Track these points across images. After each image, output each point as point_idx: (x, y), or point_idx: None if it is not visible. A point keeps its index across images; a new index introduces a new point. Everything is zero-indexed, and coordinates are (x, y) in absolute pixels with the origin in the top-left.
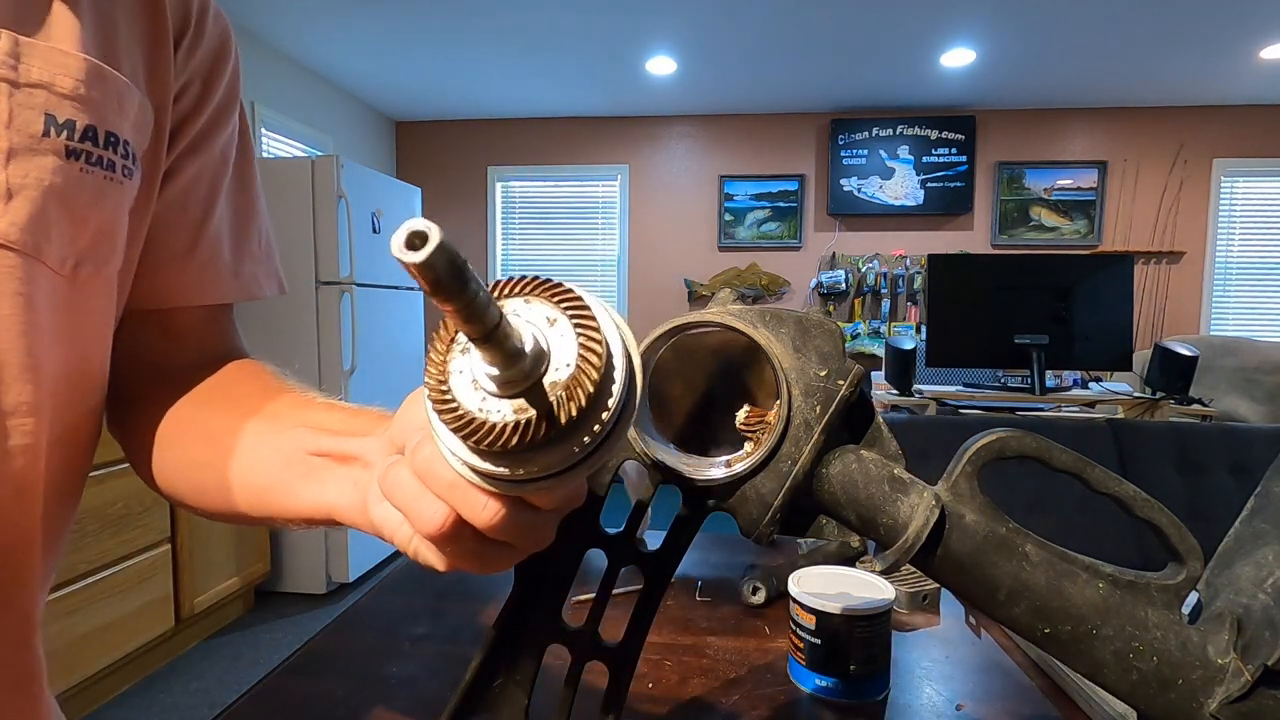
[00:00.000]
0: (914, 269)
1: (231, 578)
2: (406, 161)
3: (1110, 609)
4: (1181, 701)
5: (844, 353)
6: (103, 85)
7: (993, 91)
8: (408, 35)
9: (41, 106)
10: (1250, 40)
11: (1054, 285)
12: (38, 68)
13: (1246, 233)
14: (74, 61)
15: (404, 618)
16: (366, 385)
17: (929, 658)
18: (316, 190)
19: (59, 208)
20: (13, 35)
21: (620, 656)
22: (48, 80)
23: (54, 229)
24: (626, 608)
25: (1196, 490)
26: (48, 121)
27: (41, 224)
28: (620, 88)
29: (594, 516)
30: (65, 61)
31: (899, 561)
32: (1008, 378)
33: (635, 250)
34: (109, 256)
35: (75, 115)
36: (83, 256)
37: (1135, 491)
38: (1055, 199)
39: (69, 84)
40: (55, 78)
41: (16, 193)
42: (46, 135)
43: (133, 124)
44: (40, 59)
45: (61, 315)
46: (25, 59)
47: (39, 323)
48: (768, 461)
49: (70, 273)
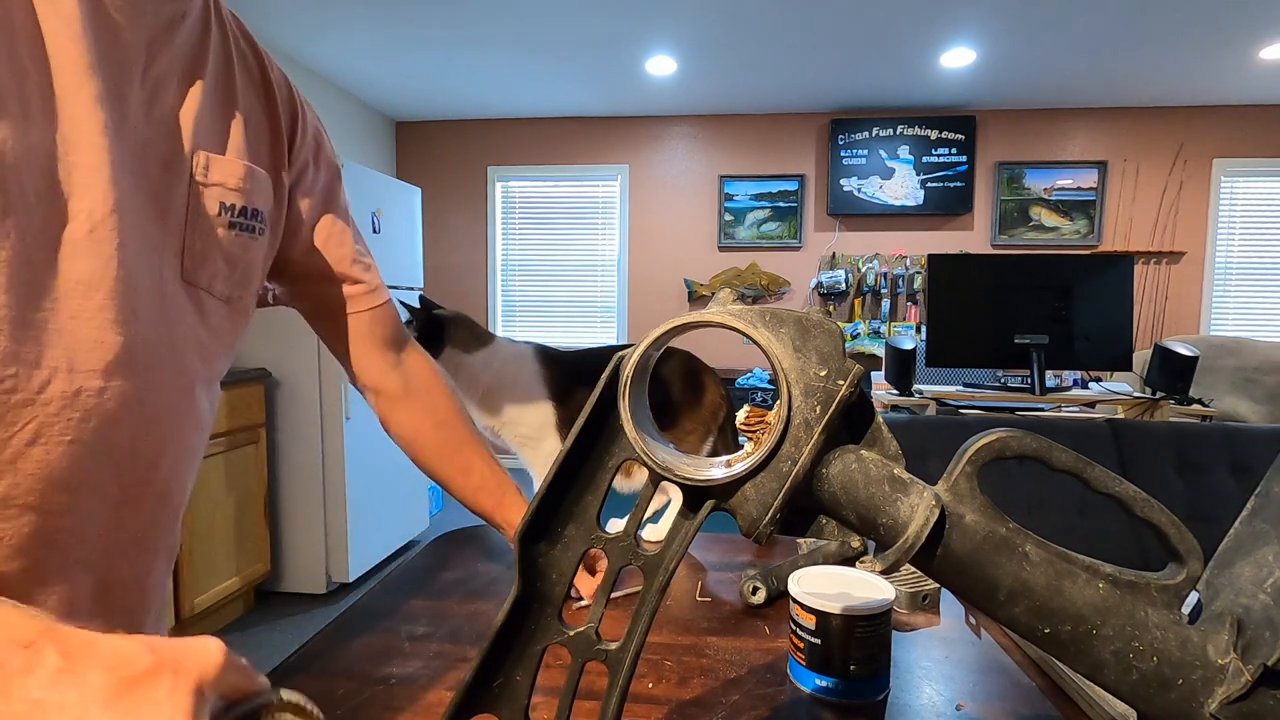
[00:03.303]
0: (914, 269)
1: (232, 578)
2: (406, 161)
3: (1110, 609)
4: (1181, 701)
5: (844, 353)
6: (252, 179)
7: (993, 91)
8: (408, 35)
9: (218, 197)
10: (1250, 40)
11: (1054, 285)
12: (216, 173)
13: (1246, 233)
14: (238, 168)
15: (404, 618)
16: None
17: (929, 658)
18: None
19: (223, 259)
20: (207, 154)
21: (620, 657)
22: (221, 180)
23: (220, 272)
24: (626, 608)
25: (1196, 490)
26: (221, 207)
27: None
28: (620, 88)
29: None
30: (233, 169)
31: (899, 561)
32: (1008, 378)
33: (635, 250)
34: (250, 287)
35: (236, 200)
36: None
37: (1135, 491)
38: (1055, 199)
39: (235, 182)
40: (226, 179)
41: (203, 252)
42: (219, 215)
43: (265, 198)
44: (220, 168)
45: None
46: (210, 169)
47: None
48: (768, 461)
49: (227, 300)
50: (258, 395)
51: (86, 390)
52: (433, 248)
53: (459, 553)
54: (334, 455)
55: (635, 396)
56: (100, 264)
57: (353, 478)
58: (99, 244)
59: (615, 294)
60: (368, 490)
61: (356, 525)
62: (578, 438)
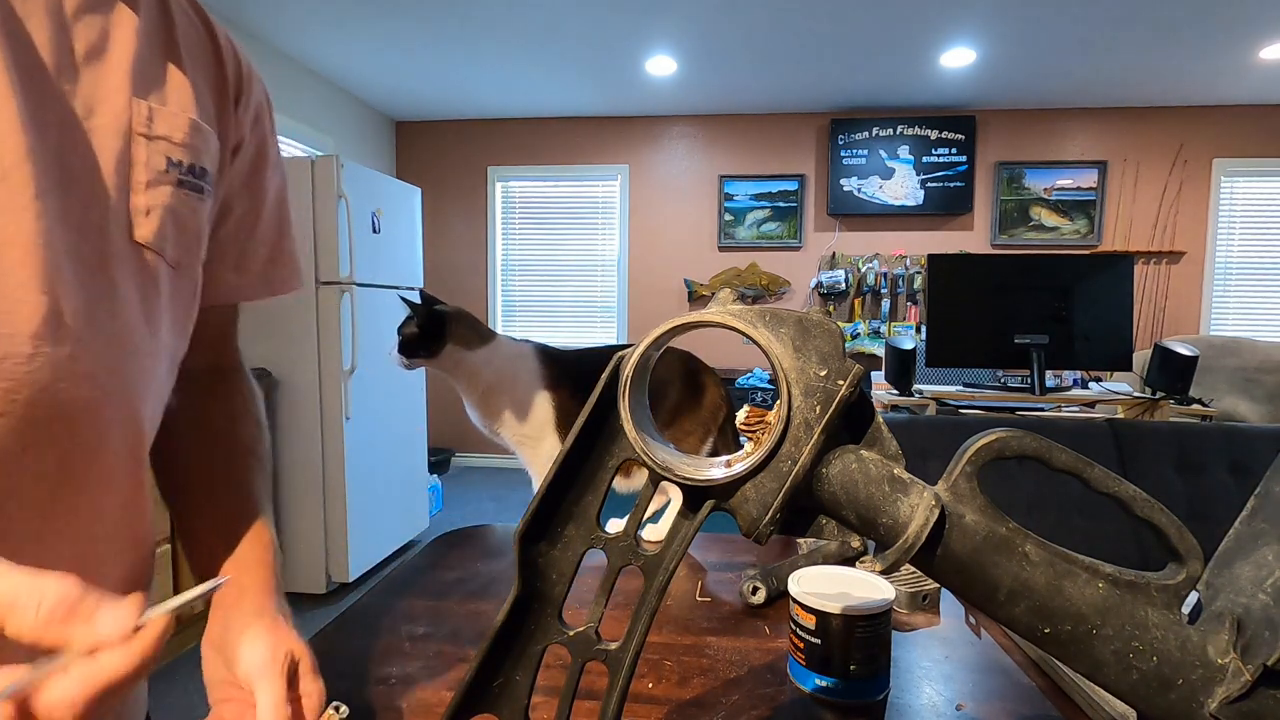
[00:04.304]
0: (914, 269)
1: None
2: (406, 161)
3: (1110, 609)
4: (1181, 701)
5: (844, 353)
6: (199, 135)
7: (993, 91)
8: (408, 35)
9: (164, 152)
10: (1250, 40)
11: (1054, 285)
12: (162, 126)
13: (1246, 233)
14: (184, 119)
15: (404, 618)
16: (366, 385)
17: (929, 658)
18: (317, 190)
19: (172, 221)
20: (149, 104)
21: (620, 657)
22: (168, 134)
23: (168, 235)
24: (626, 608)
25: (1196, 490)
26: (169, 163)
27: (164, 232)
28: (620, 88)
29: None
30: (178, 121)
31: (899, 561)
32: (1008, 378)
33: (635, 250)
34: (198, 253)
35: (183, 157)
36: (182, 253)
37: (1135, 491)
38: (1055, 199)
39: (181, 136)
40: (172, 132)
41: (151, 211)
42: (167, 171)
43: (211, 158)
44: (164, 120)
45: (169, 297)
46: (155, 120)
47: (155, 300)
48: (768, 461)
49: (175, 263)
50: None
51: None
52: (433, 248)
53: (459, 553)
54: (334, 455)
55: (635, 396)
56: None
57: (353, 478)
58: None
59: (615, 294)
60: (368, 490)
61: (356, 525)
62: (578, 438)
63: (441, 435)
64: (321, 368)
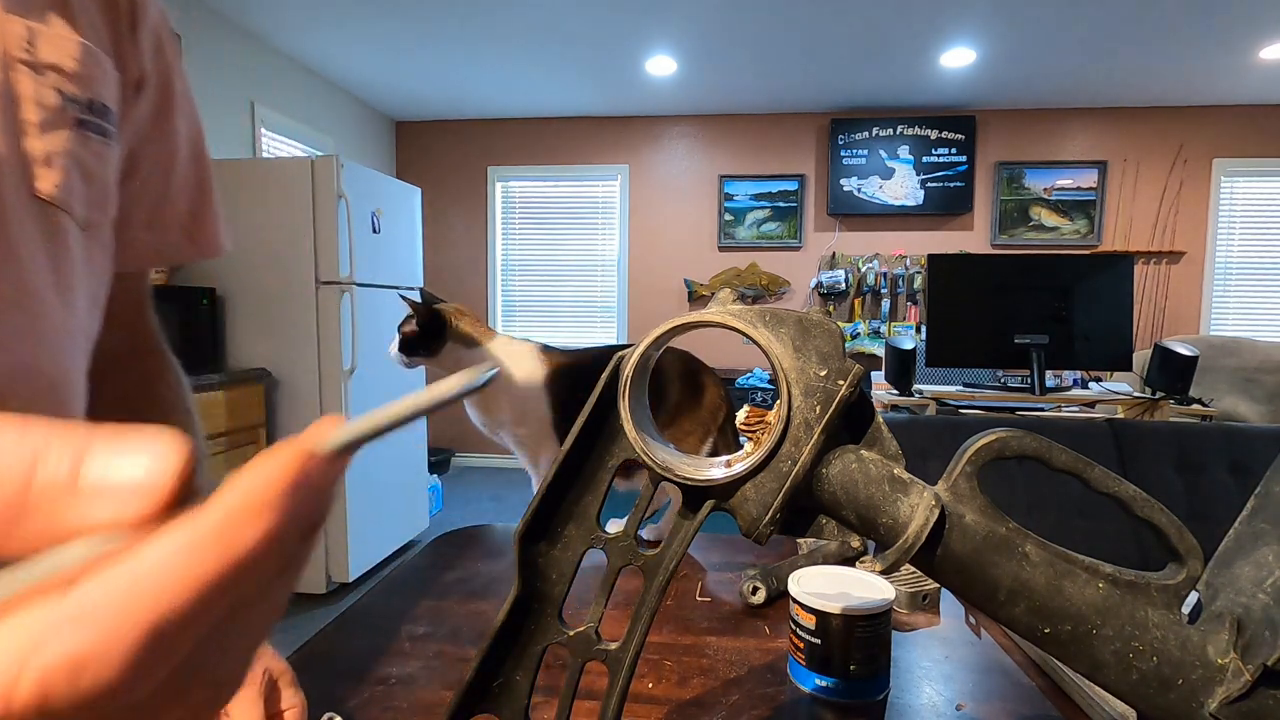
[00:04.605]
0: (914, 269)
1: None
2: (406, 161)
3: (1110, 609)
4: (1181, 701)
5: (844, 353)
6: (93, 61)
7: (993, 91)
8: (408, 35)
9: (55, 85)
10: (1250, 40)
11: (1054, 285)
12: (47, 50)
13: (1246, 233)
14: (73, 44)
15: (404, 618)
16: (366, 385)
17: (929, 658)
18: (316, 190)
19: (77, 170)
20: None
21: (620, 657)
22: (56, 61)
23: (75, 188)
24: (626, 608)
25: (1196, 490)
26: (63, 99)
27: (69, 184)
28: (620, 88)
29: (594, 516)
30: (66, 45)
31: (899, 561)
32: (1008, 378)
33: (635, 250)
34: (108, 209)
35: (79, 91)
36: (92, 210)
37: (1135, 491)
38: (1055, 199)
39: (72, 64)
40: (62, 59)
41: (52, 160)
42: (63, 110)
43: (111, 93)
44: (48, 43)
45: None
46: (37, 43)
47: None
48: (768, 461)
49: (85, 224)
50: (257, 395)
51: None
52: (433, 247)
53: (459, 553)
54: None
55: (635, 396)
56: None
57: (353, 478)
58: None
59: (615, 294)
60: (368, 490)
61: (356, 525)
62: (578, 438)
63: (441, 435)
64: (321, 368)
